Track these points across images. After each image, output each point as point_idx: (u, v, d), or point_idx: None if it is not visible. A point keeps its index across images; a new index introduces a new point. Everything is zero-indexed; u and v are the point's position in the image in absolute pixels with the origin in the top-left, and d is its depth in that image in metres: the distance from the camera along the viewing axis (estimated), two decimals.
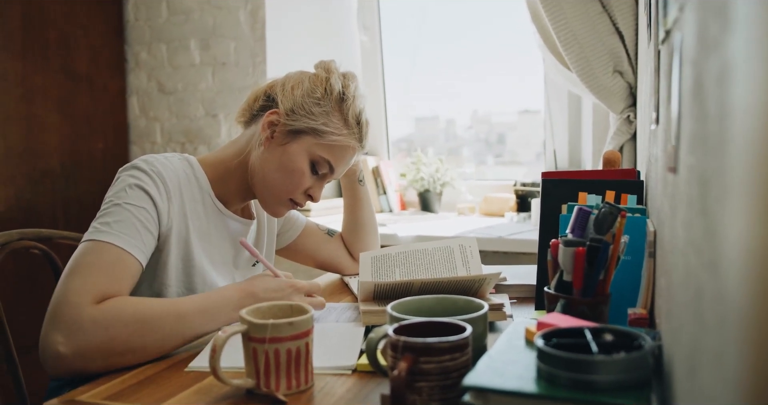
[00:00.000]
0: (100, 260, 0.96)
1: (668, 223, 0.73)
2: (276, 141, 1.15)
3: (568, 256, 0.87)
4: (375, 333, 0.79)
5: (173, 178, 1.08)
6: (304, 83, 1.17)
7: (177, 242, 1.09)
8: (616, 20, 1.80)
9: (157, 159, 1.10)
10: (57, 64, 2.39)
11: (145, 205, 1.03)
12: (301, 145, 1.15)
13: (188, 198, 1.11)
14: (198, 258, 1.12)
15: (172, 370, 0.90)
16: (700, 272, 0.46)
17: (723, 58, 0.38)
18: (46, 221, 2.33)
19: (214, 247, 1.17)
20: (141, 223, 1.01)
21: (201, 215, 1.14)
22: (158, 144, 2.66)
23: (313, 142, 1.15)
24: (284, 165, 1.15)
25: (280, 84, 1.19)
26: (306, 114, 1.14)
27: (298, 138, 1.15)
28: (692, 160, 0.52)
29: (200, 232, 1.13)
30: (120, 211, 1.00)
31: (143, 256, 1.01)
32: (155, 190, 1.05)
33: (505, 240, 1.96)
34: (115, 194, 1.03)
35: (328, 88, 1.16)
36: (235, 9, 2.48)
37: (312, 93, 1.15)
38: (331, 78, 1.17)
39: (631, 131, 1.84)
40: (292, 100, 1.15)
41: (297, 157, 1.15)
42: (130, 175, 1.05)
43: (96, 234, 0.98)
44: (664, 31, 0.75)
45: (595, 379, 0.62)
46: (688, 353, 0.52)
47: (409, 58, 2.84)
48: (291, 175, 1.15)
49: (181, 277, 1.11)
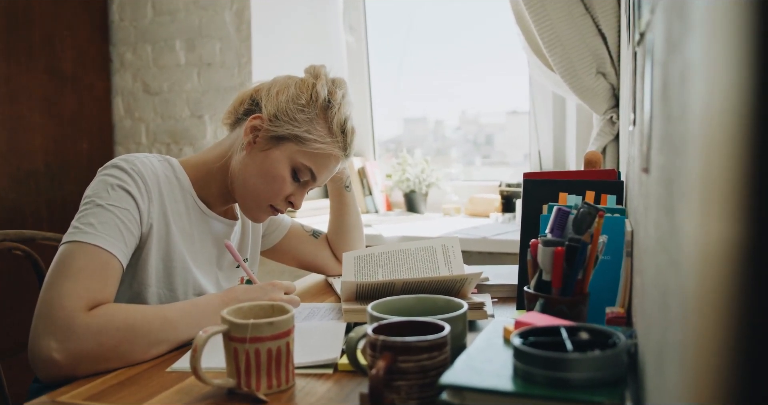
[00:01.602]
0: (89, 264, 0.96)
1: (642, 222, 0.74)
2: (258, 146, 1.14)
3: (547, 256, 0.88)
4: (355, 332, 0.79)
5: (153, 178, 1.08)
6: (289, 89, 1.16)
7: (157, 242, 1.08)
8: (599, 22, 1.82)
9: (137, 157, 1.09)
10: (42, 64, 2.38)
11: (127, 206, 1.03)
12: (283, 152, 1.14)
13: (169, 198, 1.11)
14: (179, 258, 1.12)
15: (154, 370, 0.91)
16: (667, 270, 0.47)
17: (683, 58, 0.39)
18: (30, 222, 2.32)
19: (196, 248, 1.17)
20: (124, 225, 1.01)
21: (183, 216, 1.14)
22: (143, 145, 2.65)
23: (295, 149, 1.13)
24: (265, 171, 1.14)
25: (266, 88, 1.18)
26: (289, 120, 1.13)
27: (281, 144, 1.14)
28: (662, 159, 0.53)
29: (183, 233, 1.13)
30: (103, 213, 1.00)
31: (125, 258, 1.02)
32: (136, 189, 1.05)
33: (489, 240, 1.97)
34: (97, 194, 1.03)
35: (314, 95, 1.15)
36: (220, 9, 2.48)
37: (297, 99, 1.14)
38: (318, 84, 1.16)
39: (614, 132, 1.86)
40: (276, 106, 1.14)
41: (278, 164, 1.14)
42: (110, 174, 1.05)
43: (81, 235, 0.98)
44: (639, 33, 0.76)
45: (570, 377, 0.63)
46: (657, 349, 0.53)
47: (397, 59, 2.85)
48: (272, 181, 1.14)
49: (161, 278, 1.10)
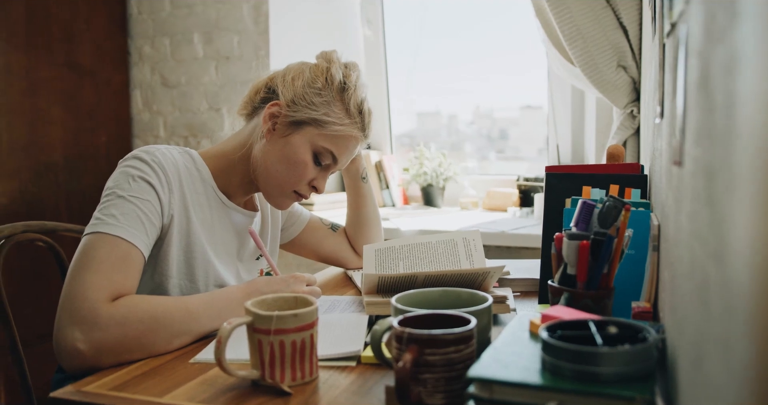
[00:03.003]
0: (112, 255, 0.96)
1: (673, 215, 0.73)
2: (278, 133, 1.15)
3: (572, 250, 0.87)
4: (379, 325, 0.79)
5: (173, 169, 1.08)
6: (304, 74, 1.16)
7: (178, 233, 1.09)
8: (620, 15, 1.80)
9: (158, 149, 1.10)
10: (61, 57, 2.39)
11: (149, 197, 1.03)
12: (304, 137, 1.14)
13: (190, 189, 1.11)
14: (200, 250, 1.12)
15: (178, 361, 0.91)
16: (706, 262, 0.46)
17: (730, 48, 0.38)
18: (49, 214, 2.34)
19: (217, 239, 1.17)
20: (146, 216, 1.02)
21: (204, 207, 1.14)
22: (161, 138, 2.66)
23: (315, 132, 1.14)
24: (287, 157, 1.14)
25: (281, 75, 1.19)
26: (307, 104, 1.14)
27: (300, 129, 1.14)
28: (698, 152, 0.52)
29: (203, 224, 1.13)
30: (125, 204, 1.01)
31: (147, 249, 1.02)
32: (157, 181, 1.05)
33: (507, 235, 1.96)
34: (118, 186, 1.03)
35: (329, 78, 1.15)
36: (238, 2, 2.48)
37: (313, 83, 1.15)
38: (332, 68, 1.16)
39: (635, 126, 1.84)
40: (293, 91, 1.15)
41: (299, 149, 1.14)
42: (131, 165, 1.05)
43: (104, 226, 0.98)
44: (670, 24, 0.75)
45: (599, 371, 0.62)
46: (693, 344, 0.53)
47: (412, 53, 2.84)
48: (294, 166, 1.15)
49: (182, 269, 1.11)
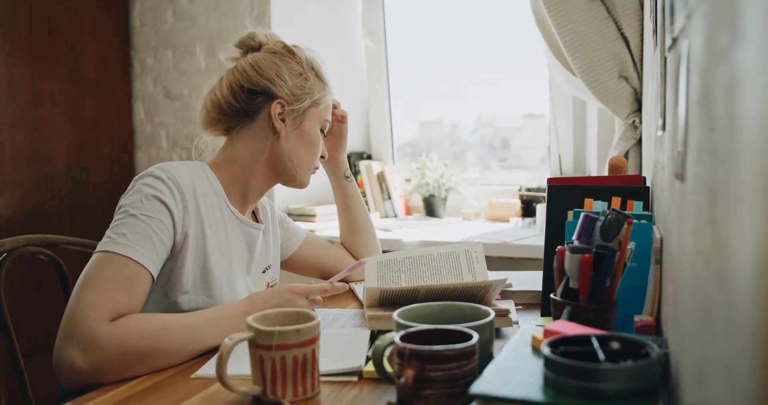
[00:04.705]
0: (117, 274, 0.96)
1: (675, 230, 0.73)
2: (289, 126, 1.21)
3: (575, 263, 0.87)
4: (381, 340, 0.79)
5: (189, 187, 1.09)
6: (280, 66, 1.20)
7: (193, 250, 1.09)
8: (621, 26, 1.80)
9: (173, 166, 1.10)
10: (64, 69, 2.40)
11: (161, 216, 1.04)
12: (312, 120, 1.24)
13: (205, 204, 1.12)
14: (216, 265, 1.12)
15: (179, 376, 0.91)
16: (709, 282, 0.46)
17: (732, 68, 0.38)
18: (52, 226, 2.34)
19: (232, 253, 1.18)
20: (156, 236, 1.02)
21: (219, 221, 1.15)
22: (164, 149, 2.66)
23: (316, 111, 1.24)
24: (306, 142, 1.23)
25: (254, 76, 1.19)
26: (304, 92, 1.21)
27: (306, 114, 1.22)
28: (700, 168, 0.52)
29: (219, 239, 1.14)
30: (136, 223, 1.01)
31: (156, 269, 1.02)
32: (171, 199, 1.05)
33: (509, 245, 1.96)
34: (131, 204, 1.03)
35: (299, 61, 1.22)
36: (240, 14, 2.49)
37: (293, 71, 1.21)
38: (295, 51, 1.23)
39: (636, 136, 1.84)
40: (286, 86, 1.19)
41: (313, 131, 1.24)
42: (146, 184, 1.06)
43: (112, 245, 0.99)
44: (671, 38, 0.75)
45: (602, 388, 0.62)
46: (697, 363, 0.52)
47: (414, 62, 2.85)
48: (314, 147, 1.25)
49: (199, 285, 1.11)
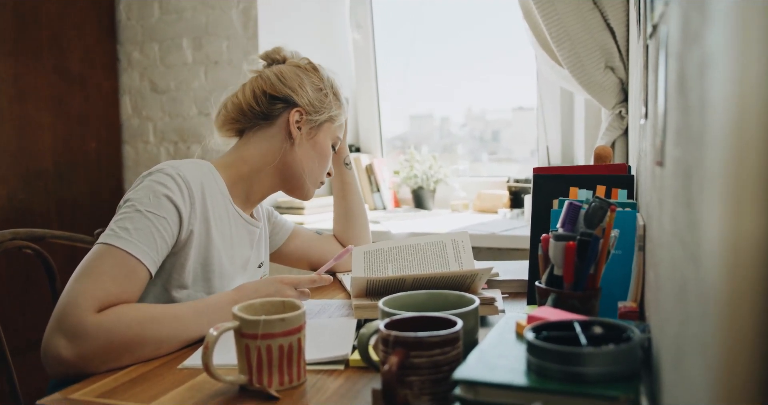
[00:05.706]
0: (114, 268, 0.96)
1: (656, 216, 0.73)
2: (304, 136, 1.25)
3: (559, 251, 0.87)
4: (366, 328, 0.79)
5: (197, 185, 1.10)
6: (303, 79, 1.24)
7: (197, 247, 1.10)
8: (607, 16, 1.81)
9: (182, 163, 1.11)
10: (50, 63, 2.39)
11: (166, 214, 1.03)
12: (326, 133, 1.28)
13: (212, 204, 1.13)
14: (218, 262, 1.13)
15: (166, 367, 0.91)
16: (685, 264, 0.46)
17: (702, 50, 0.39)
18: (39, 221, 2.33)
19: (235, 252, 1.19)
20: (159, 233, 1.02)
21: (224, 220, 1.16)
22: (151, 143, 2.65)
23: (331, 127, 1.29)
24: (318, 154, 1.27)
25: (278, 85, 1.23)
26: (323, 106, 1.26)
27: (321, 127, 1.27)
28: (678, 152, 0.52)
29: (222, 237, 1.15)
30: (141, 219, 1.01)
31: (154, 267, 1.02)
32: (180, 197, 1.06)
33: (497, 236, 1.97)
34: (138, 199, 1.03)
35: (321, 77, 1.27)
36: (227, 7, 2.48)
37: (316, 86, 1.26)
38: (320, 70, 1.28)
39: (623, 126, 1.85)
40: (307, 97, 1.24)
41: (325, 145, 1.28)
42: (156, 180, 1.05)
43: (114, 239, 0.99)
44: (652, 25, 0.76)
45: (584, 371, 0.62)
46: (674, 344, 0.53)
47: (404, 56, 2.84)
48: (325, 160, 1.29)
49: (199, 281, 1.12)
